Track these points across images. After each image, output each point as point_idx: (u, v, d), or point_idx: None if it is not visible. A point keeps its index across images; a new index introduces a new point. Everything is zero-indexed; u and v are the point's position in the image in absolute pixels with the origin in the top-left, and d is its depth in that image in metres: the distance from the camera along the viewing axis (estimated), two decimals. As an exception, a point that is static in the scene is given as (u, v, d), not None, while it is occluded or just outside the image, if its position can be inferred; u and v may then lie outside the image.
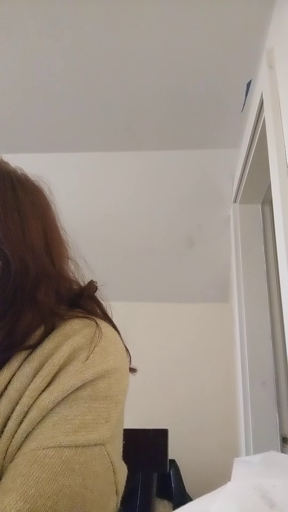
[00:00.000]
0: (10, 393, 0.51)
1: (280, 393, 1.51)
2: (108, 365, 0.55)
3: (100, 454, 0.50)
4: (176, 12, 1.14)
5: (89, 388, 0.52)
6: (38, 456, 0.45)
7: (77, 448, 0.47)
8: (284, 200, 0.99)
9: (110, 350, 0.57)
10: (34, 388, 0.50)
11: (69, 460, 0.46)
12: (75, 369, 0.52)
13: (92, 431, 0.49)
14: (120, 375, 0.57)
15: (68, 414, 0.49)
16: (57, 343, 0.55)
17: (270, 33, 1.15)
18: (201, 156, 1.75)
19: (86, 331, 0.57)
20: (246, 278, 1.68)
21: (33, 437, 0.48)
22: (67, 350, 0.53)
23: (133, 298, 2.17)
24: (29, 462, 0.45)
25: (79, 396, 0.51)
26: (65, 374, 0.52)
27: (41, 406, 0.49)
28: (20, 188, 0.64)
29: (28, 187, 0.66)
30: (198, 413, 2.01)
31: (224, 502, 0.28)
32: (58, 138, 1.69)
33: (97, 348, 0.55)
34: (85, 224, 1.85)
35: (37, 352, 0.54)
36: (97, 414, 0.51)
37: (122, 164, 1.83)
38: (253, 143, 1.41)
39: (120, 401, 0.56)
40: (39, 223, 0.64)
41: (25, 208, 0.63)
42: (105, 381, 0.54)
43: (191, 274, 2.14)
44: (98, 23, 1.18)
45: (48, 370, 0.52)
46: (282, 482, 0.30)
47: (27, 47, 1.26)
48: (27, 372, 0.52)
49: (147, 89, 1.42)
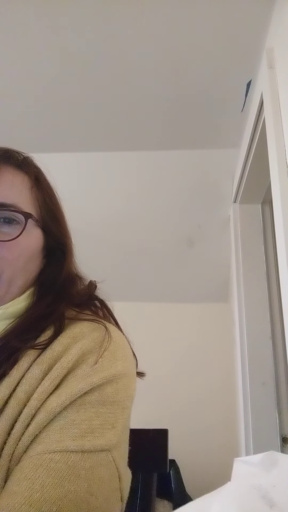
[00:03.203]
0: (19, 395, 0.50)
1: (280, 393, 1.51)
2: (116, 370, 0.54)
3: (106, 460, 0.49)
4: (176, 12, 1.14)
5: (96, 392, 0.51)
6: (44, 460, 0.45)
7: (84, 453, 0.47)
8: (284, 200, 0.99)
9: (118, 355, 0.57)
10: (43, 391, 0.50)
11: (75, 465, 0.46)
12: (84, 373, 0.52)
13: (99, 436, 0.49)
14: (127, 381, 0.56)
15: (75, 418, 0.49)
16: (66, 346, 0.54)
17: (270, 33, 1.15)
18: (201, 156, 1.75)
19: (95, 335, 0.57)
20: (246, 278, 1.67)
21: (40, 440, 0.48)
22: (76, 354, 0.53)
23: (133, 298, 2.17)
24: (35, 465, 0.45)
25: (87, 401, 0.50)
26: (74, 377, 0.52)
27: (49, 409, 0.49)
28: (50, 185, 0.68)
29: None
30: (198, 413, 2.01)
31: (224, 502, 0.28)
32: (58, 138, 1.69)
33: (106, 352, 0.55)
34: (85, 224, 1.85)
35: (46, 354, 0.54)
36: (104, 420, 0.51)
37: (122, 164, 1.83)
38: (253, 143, 1.41)
39: (127, 407, 0.55)
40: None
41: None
42: (113, 386, 0.53)
43: (191, 274, 2.14)
44: (98, 23, 1.18)
45: (56, 373, 0.51)
46: (282, 482, 0.30)
47: (27, 47, 1.26)
48: (36, 374, 0.52)
49: (147, 89, 1.42)
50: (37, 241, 0.62)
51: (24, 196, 0.60)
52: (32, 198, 0.62)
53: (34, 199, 0.62)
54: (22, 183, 0.61)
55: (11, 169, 0.61)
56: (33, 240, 0.61)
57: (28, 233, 0.59)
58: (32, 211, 0.60)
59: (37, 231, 0.62)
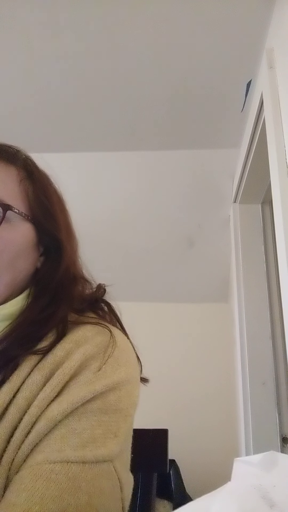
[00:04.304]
0: (19, 401, 0.49)
1: (280, 393, 1.51)
2: (120, 377, 0.53)
3: (108, 471, 0.48)
4: (176, 13, 1.14)
5: (99, 400, 0.50)
6: (44, 470, 0.44)
7: (85, 464, 0.46)
8: (284, 200, 0.99)
9: (122, 360, 0.55)
10: (43, 398, 0.49)
11: (76, 477, 0.45)
12: (86, 379, 0.51)
13: (101, 446, 0.48)
14: (131, 387, 0.55)
15: (76, 427, 0.48)
16: (68, 351, 0.53)
17: (270, 33, 1.15)
18: (201, 156, 1.75)
19: (99, 339, 0.55)
20: (246, 278, 1.67)
21: (40, 449, 0.47)
22: (79, 359, 0.52)
23: (133, 298, 2.17)
24: (35, 476, 0.44)
25: (89, 409, 0.49)
26: (76, 384, 0.50)
27: (50, 417, 0.48)
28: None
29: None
30: (198, 413, 2.01)
31: (224, 502, 0.28)
32: (58, 138, 1.69)
33: (109, 358, 0.54)
34: (85, 224, 1.84)
35: (48, 359, 0.52)
36: (106, 428, 0.49)
37: (122, 164, 1.83)
38: (253, 143, 1.41)
39: (130, 415, 0.54)
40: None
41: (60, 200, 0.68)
42: (116, 394, 0.52)
43: (191, 274, 2.14)
44: (98, 23, 1.18)
45: (58, 380, 0.50)
46: (282, 482, 0.30)
47: (27, 47, 1.26)
48: (37, 380, 0.50)
49: (147, 89, 1.42)
50: (25, 236, 0.59)
51: (9, 189, 0.58)
52: (21, 191, 0.60)
53: (22, 192, 0.60)
54: (7, 176, 0.59)
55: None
56: (19, 234, 0.58)
57: (12, 226, 0.56)
58: (19, 204, 0.58)
59: (25, 225, 0.59)
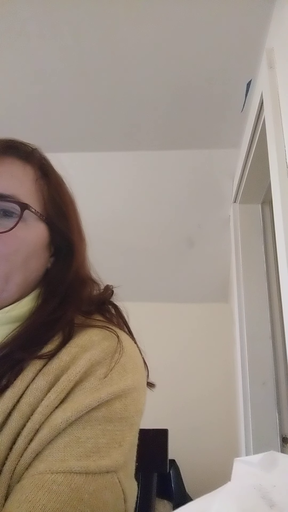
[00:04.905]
0: (23, 407, 0.48)
1: (280, 393, 1.51)
2: (126, 384, 0.51)
3: (111, 483, 0.46)
4: (176, 13, 1.14)
5: (104, 408, 0.48)
6: (46, 481, 0.43)
7: (88, 476, 0.44)
8: (284, 200, 0.99)
9: (128, 367, 0.53)
10: (47, 404, 0.48)
11: (79, 488, 0.43)
12: (91, 386, 0.49)
13: (105, 456, 0.46)
14: (137, 395, 0.53)
15: (80, 436, 0.46)
16: (74, 355, 0.51)
17: (270, 33, 1.15)
18: (201, 156, 1.75)
19: (105, 344, 0.53)
20: (246, 278, 1.68)
21: (43, 458, 0.45)
22: (84, 365, 0.50)
23: (132, 298, 2.15)
24: (36, 486, 0.42)
25: (93, 417, 0.48)
26: (81, 391, 0.49)
27: (53, 425, 0.46)
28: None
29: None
30: (198, 413, 2.01)
31: (224, 502, 0.28)
32: (58, 138, 1.69)
33: (116, 364, 0.52)
34: (85, 224, 1.85)
35: (53, 364, 0.51)
36: (111, 437, 0.48)
37: (122, 164, 1.83)
38: (253, 143, 1.41)
39: (136, 423, 0.52)
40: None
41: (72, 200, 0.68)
42: (122, 402, 0.50)
43: (191, 274, 2.14)
44: (98, 23, 1.18)
45: (63, 386, 0.49)
46: (282, 482, 0.30)
47: (27, 47, 1.26)
48: (41, 386, 0.49)
49: (147, 89, 1.42)
50: (40, 235, 0.58)
51: (25, 187, 0.57)
52: (36, 190, 0.59)
53: (38, 191, 0.59)
54: (24, 175, 0.59)
55: (14, 160, 0.59)
56: (33, 234, 0.57)
57: (27, 226, 0.56)
58: (34, 203, 0.57)
59: (40, 225, 0.58)
